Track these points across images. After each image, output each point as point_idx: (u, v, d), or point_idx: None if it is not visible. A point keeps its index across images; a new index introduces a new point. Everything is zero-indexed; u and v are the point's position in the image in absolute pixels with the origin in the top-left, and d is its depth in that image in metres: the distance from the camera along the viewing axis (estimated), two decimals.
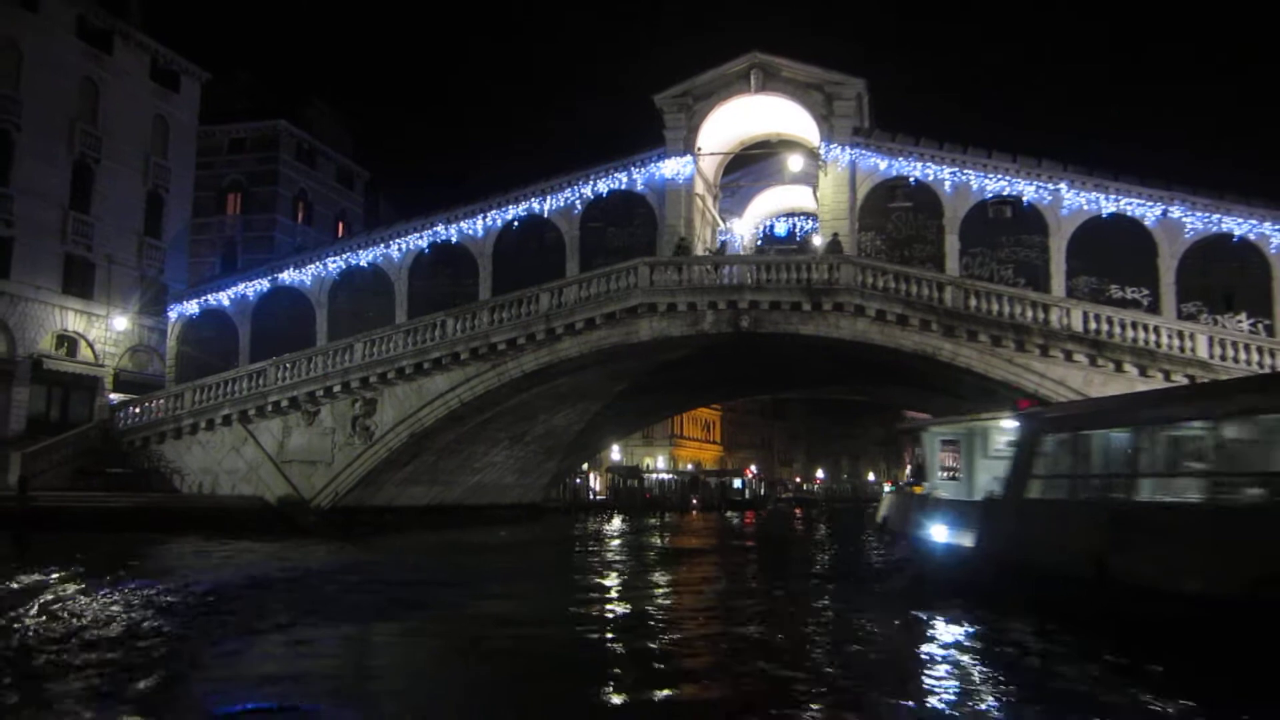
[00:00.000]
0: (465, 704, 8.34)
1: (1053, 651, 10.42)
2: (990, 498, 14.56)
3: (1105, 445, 12.64)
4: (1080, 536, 11.76)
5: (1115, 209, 26.97)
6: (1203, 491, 10.63)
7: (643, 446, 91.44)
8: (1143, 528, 10.89)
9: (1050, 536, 12.64)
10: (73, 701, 7.74)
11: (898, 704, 8.47)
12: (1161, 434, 11.63)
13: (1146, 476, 11.55)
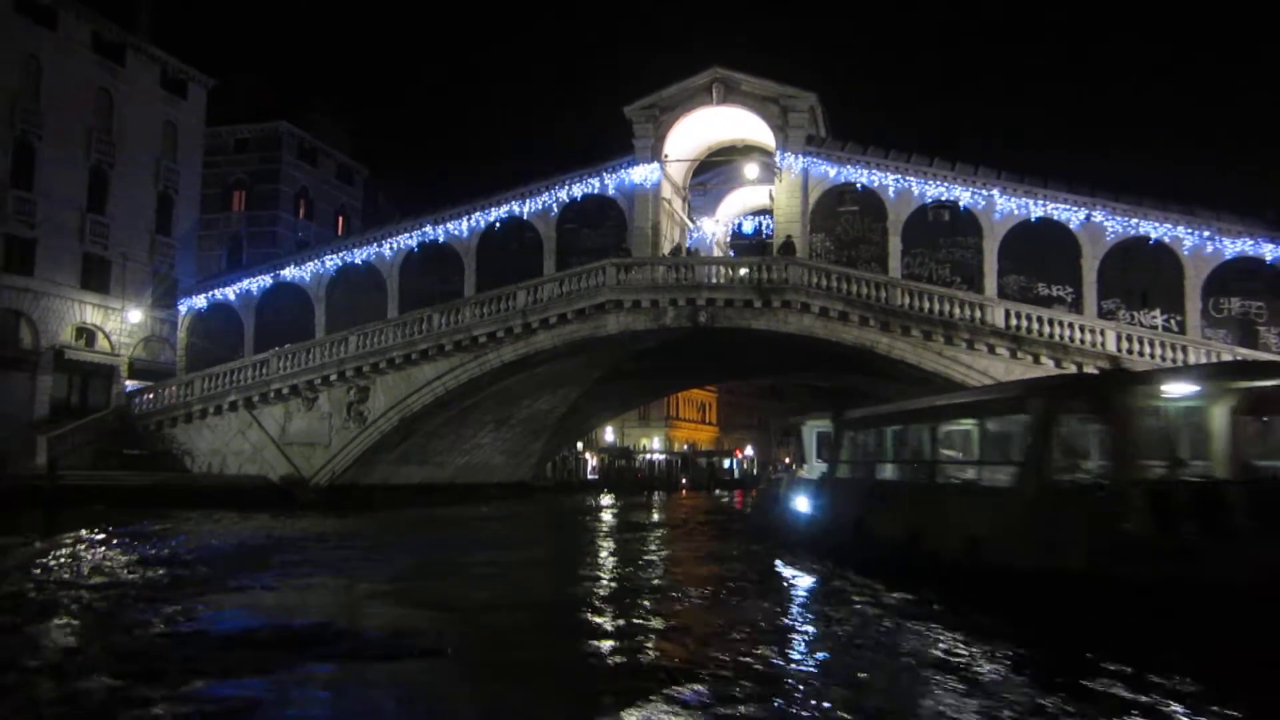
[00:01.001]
0: (424, 624, 10.96)
1: (827, 577, 15.07)
2: (821, 477, 18.52)
3: (867, 439, 17.16)
4: (852, 504, 16.34)
5: (1043, 213, 29.38)
6: (914, 474, 15.00)
7: (639, 428, 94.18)
8: (880, 497, 15.49)
9: (840, 504, 17.06)
10: (99, 619, 10.40)
11: (726, 601, 11.15)
12: (892, 433, 16.12)
13: (885, 462, 16.16)
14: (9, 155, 31.66)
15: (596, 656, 9.50)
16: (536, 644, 10.24)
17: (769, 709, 7.26)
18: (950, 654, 9.24)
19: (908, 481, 15.16)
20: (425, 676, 8.39)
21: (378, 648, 9.34)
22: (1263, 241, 28.11)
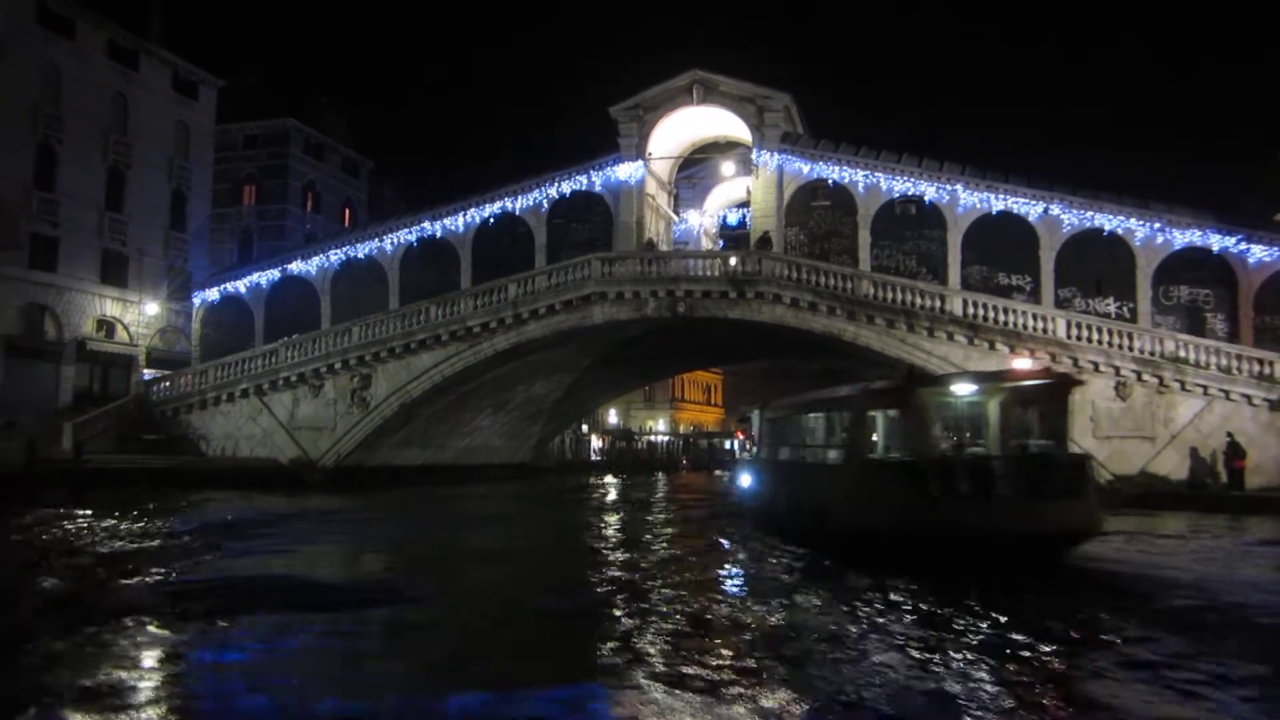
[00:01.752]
0: (405, 579, 12.96)
1: (744, 540, 17.73)
2: (753, 458, 21.09)
3: (777, 426, 19.71)
4: (767, 481, 19.62)
5: (1004, 206, 31.08)
6: (795, 455, 18.18)
7: (644, 410, 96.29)
8: (780, 475, 18.75)
9: (762, 481, 20.10)
10: (129, 575, 12.41)
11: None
12: (788, 421, 18.99)
13: (784, 446, 18.89)
14: (32, 159, 33.65)
15: (547, 601, 11.48)
16: (496, 592, 12.26)
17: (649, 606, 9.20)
18: (792, 585, 11.90)
19: (793, 461, 18.06)
20: (398, 619, 10.34)
21: (358, 596, 11.35)
22: (1210, 233, 29.77)
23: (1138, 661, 8.05)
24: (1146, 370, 27.38)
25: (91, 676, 7.25)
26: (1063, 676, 7.76)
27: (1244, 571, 14.17)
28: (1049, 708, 6.77)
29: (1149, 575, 13.21)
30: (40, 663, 7.77)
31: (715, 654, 8.34)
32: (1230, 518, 23.30)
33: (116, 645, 8.46)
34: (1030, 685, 7.34)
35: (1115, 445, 27.59)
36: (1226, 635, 9.36)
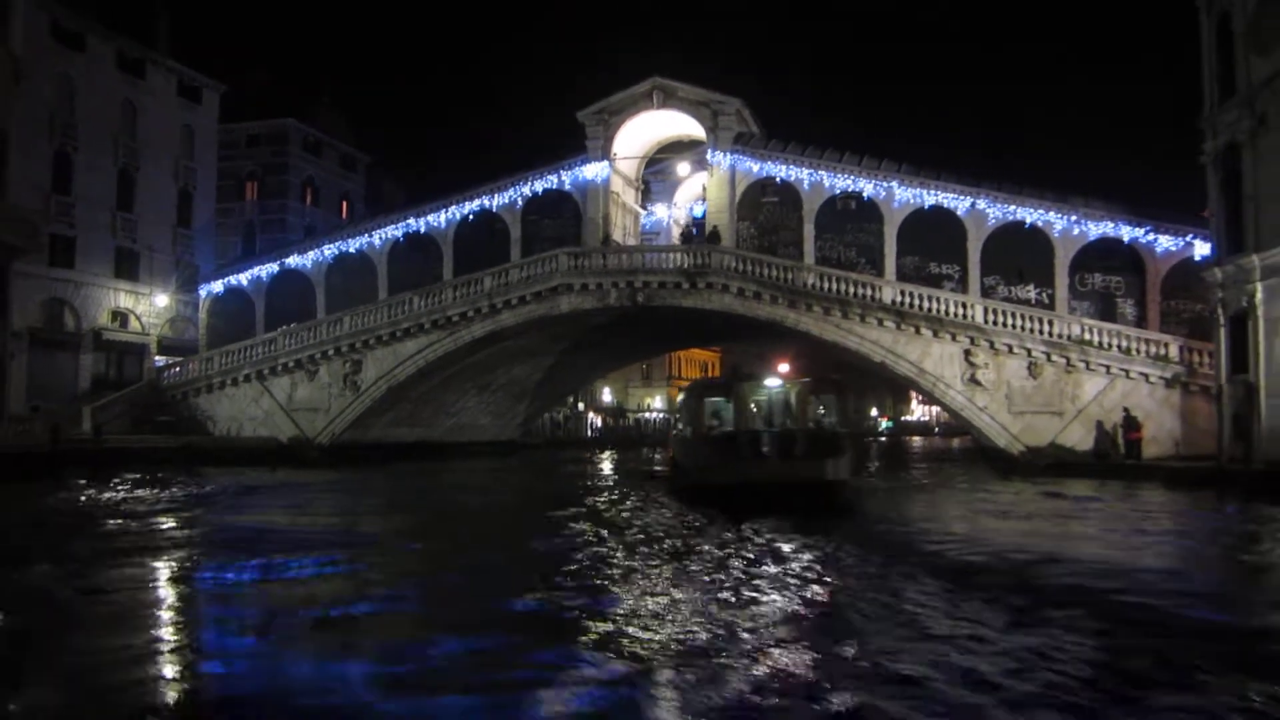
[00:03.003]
0: (376, 529, 16.10)
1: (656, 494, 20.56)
2: (680, 433, 24.07)
3: (683, 406, 23.31)
4: (677, 450, 22.86)
5: (935, 201, 33.84)
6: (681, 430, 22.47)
7: (642, 387, 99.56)
8: (676, 445, 22.44)
9: (676, 450, 23.76)
10: (151, 529, 15.59)
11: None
12: (684, 402, 23.23)
13: (679, 423, 22.94)
14: (50, 166, 36.79)
15: (490, 551, 14.62)
16: (449, 540, 15.42)
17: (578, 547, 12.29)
18: (678, 523, 15.00)
19: (679, 435, 22.33)
20: (359, 558, 13.43)
21: (334, 540, 14.55)
22: (1122, 224, 32.52)
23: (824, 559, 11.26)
24: (1055, 351, 30.28)
25: (121, 591, 10.42)
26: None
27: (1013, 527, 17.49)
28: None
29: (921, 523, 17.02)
30: (81, 587, 10.93)
31: (608, 564, 11.52)
32: (1125, 484, 26.26)
33: (141, 574, 11.63)
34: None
35: (1028, 420, 30.55)
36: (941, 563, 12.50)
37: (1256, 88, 25.82)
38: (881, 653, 7.47)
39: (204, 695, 6.56)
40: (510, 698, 6.36)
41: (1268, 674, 6.87)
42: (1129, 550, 14.34)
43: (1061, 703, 6.16)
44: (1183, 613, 9.15)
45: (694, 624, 8.55)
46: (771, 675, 6.89)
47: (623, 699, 6.33)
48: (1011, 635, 8.13)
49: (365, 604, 9.89)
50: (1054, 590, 10.44)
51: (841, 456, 17.95)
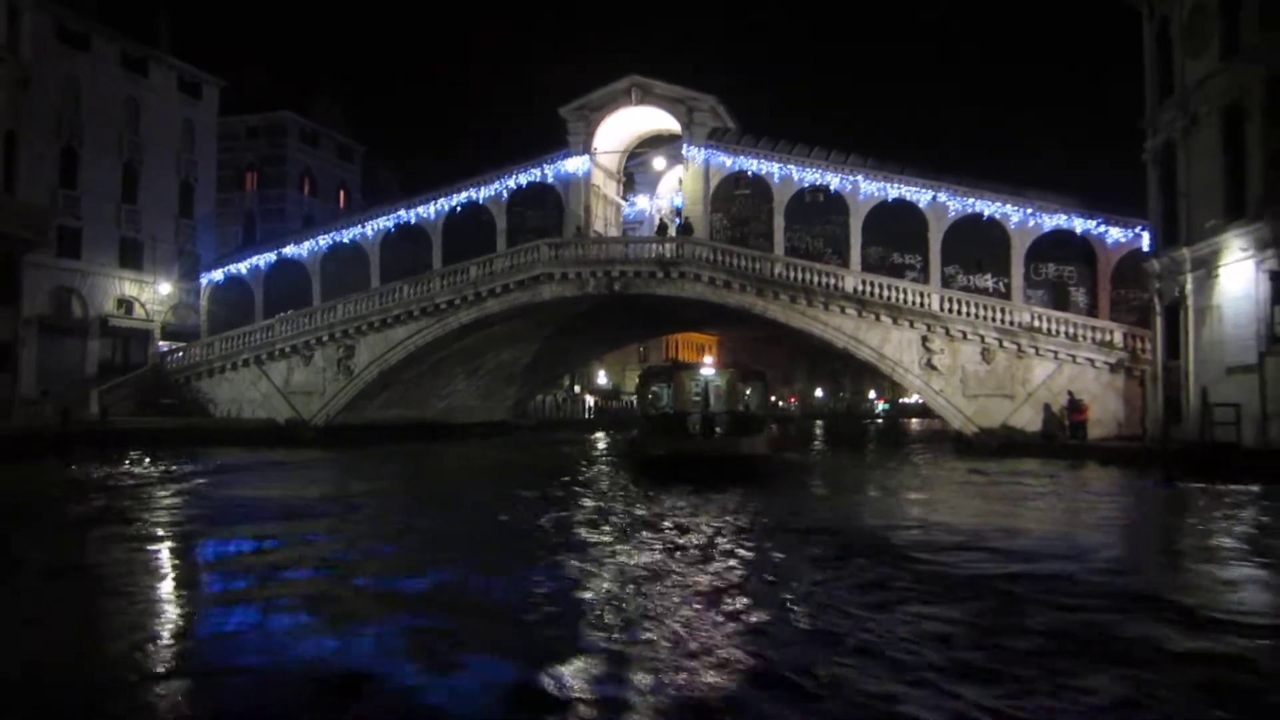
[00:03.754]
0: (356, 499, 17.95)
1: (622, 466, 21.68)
2: (642, 413, 25.97)
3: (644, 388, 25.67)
4: (638, 428, 25.11)
5: (898, 194, 35.48)
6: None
7: (638, 370, 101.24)
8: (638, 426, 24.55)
9: (637, 430, 25.94)
10: (156, 499, 17.48)
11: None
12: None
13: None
14: (57, 162, 38.56)
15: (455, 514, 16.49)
16: (417, 508, 17.28)
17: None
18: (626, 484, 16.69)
19: (637, 414, 25.21)
20: (335, 524, 15.29)
21: (316, 509, 16.42)
22: (1074, 217, 34.16)
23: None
24: (1007, 338, 32.02)
25: (129, 553, 12.29)
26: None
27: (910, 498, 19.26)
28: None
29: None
30: (91, 548, 12.82)
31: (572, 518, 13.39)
32: (1066, 462, 28.10)
33: (146, 537, 13.51)
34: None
35: (981, 403, 32.32)
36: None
37: (1190, 89, 27.45)
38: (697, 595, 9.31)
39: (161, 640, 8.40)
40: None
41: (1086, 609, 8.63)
42: (1006, 515, 16.21)
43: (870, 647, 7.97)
44: (1016, 565, 10.95)
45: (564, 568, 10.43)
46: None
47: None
48: (810, 572, 9.97)
49: (312, 566, 11.70)
50: (897, 547, 12.26)
51: (758, 435, 21.72)
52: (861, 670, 6.48)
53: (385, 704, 6.00)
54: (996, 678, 6.32)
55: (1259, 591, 10.11)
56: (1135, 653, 6.96)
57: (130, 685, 6.37)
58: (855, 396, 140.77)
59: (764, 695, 6.03)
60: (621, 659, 6.80)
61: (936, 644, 7.13)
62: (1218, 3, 26.12)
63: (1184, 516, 17.10)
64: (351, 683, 6.35)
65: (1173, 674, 6.48)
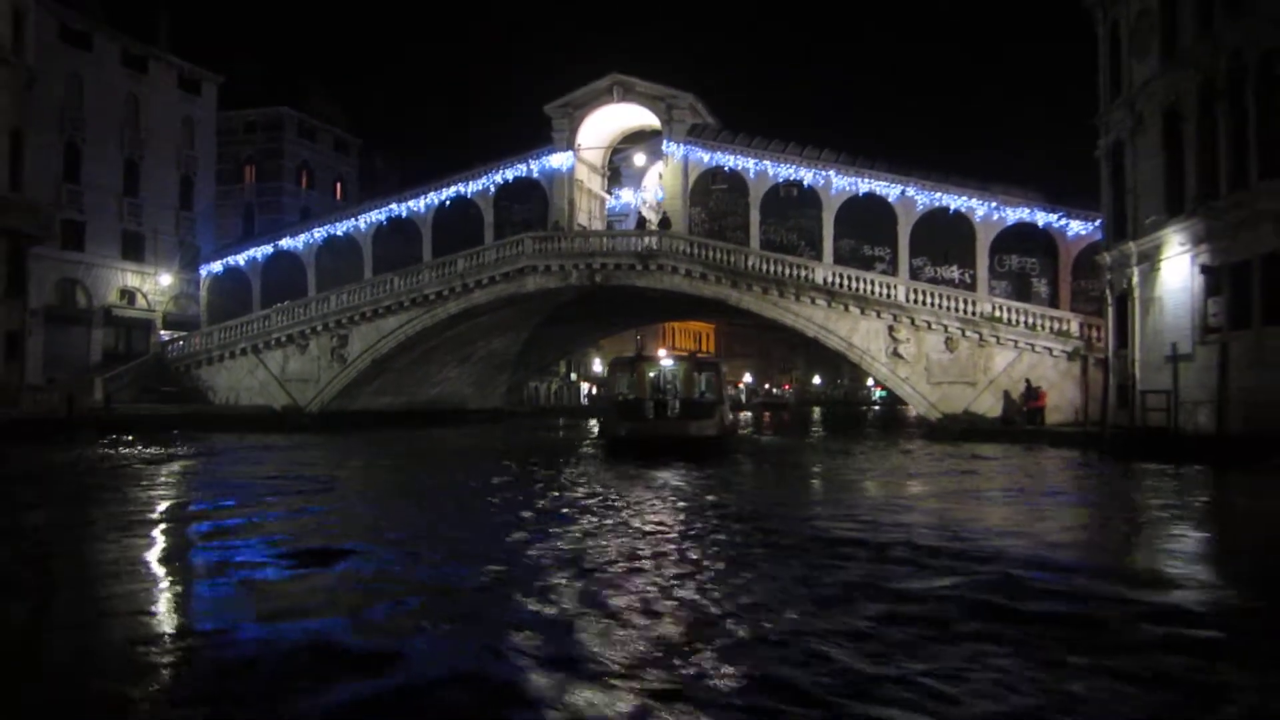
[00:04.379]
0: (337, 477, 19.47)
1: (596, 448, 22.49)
2: (609, 398, 27.60)
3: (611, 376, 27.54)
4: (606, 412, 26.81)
5: (869, 189, 36.81)
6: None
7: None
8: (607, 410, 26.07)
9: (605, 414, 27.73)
10: (150, 484, 19.02)
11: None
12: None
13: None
14: (61, 158, 40.11)
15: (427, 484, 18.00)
16: (383, 484, 18.81)
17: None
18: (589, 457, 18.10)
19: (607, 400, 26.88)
20: (320, 497, 16.80)
21: (314, 485, 17.99)
22: (1037, 211, 35.49)
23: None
24: (969, 328, 33.41)
25: (132, 528, 13.82)
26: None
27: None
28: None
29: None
30: (99, 527, 14.36)
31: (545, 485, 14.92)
32: (1022, 446, 29.54)
33: (150, 511, 15.04)
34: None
35: (945, 390, 33.75)
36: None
37: (1136, 90, 28.78)
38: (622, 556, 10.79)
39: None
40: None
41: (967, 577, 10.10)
42: (908, 486, 17.69)
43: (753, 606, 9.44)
44: (919, 533, 12.40)
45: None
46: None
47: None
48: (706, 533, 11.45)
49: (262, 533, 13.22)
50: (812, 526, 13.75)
51: (708, 419, 23.74)
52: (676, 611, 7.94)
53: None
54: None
55: (1118, 541, 11.56)
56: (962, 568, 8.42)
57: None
58: (853, 384, 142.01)
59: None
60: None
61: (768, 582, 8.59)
62: (1159, 7, 27.44)
63: (1095, 488, 18.60)
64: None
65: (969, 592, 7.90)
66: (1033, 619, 7.20)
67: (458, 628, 7.19)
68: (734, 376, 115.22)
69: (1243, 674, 5.98)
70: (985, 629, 6.93)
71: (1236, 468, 20.11)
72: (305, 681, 5.79)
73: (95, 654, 6.69)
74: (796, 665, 6.04)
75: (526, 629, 6.99)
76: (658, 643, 6.61)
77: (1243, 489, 18.23)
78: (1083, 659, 6.13)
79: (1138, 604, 7.81)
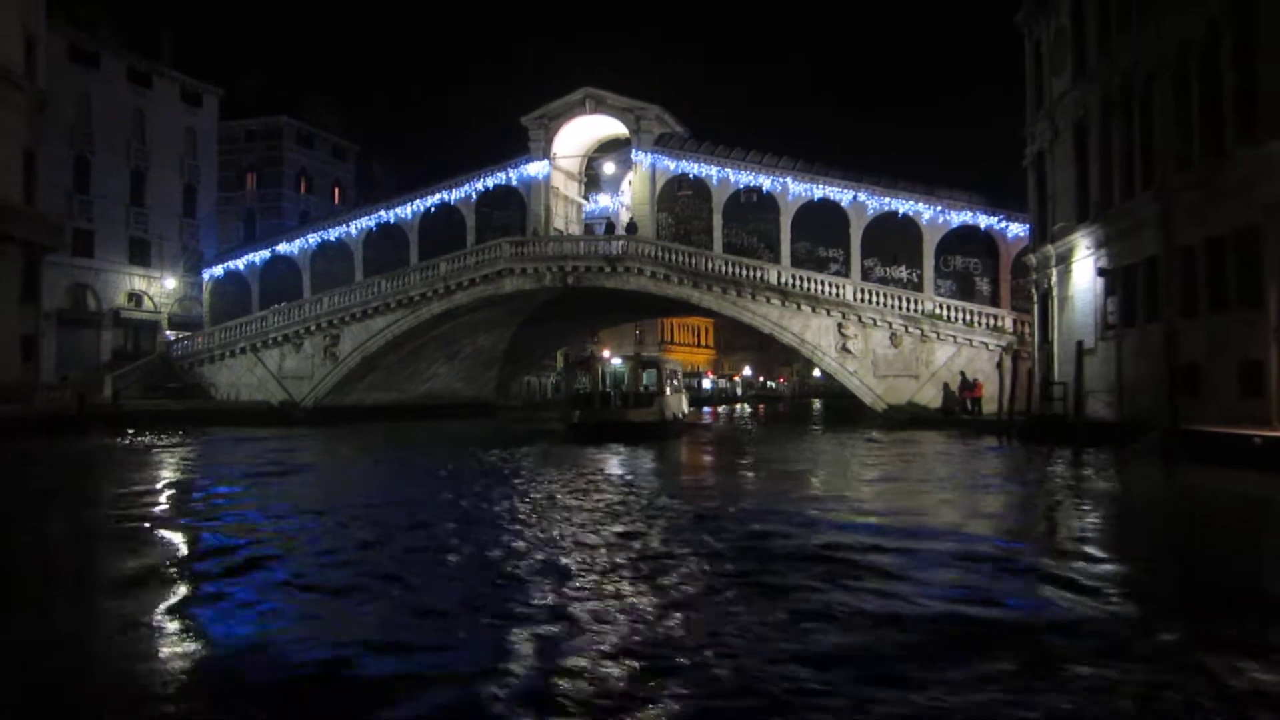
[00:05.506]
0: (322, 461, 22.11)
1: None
2: (568, 392, 30.81)
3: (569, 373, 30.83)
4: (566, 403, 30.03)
5: (823, 194, 39.29)
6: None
7: (632, 353, 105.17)
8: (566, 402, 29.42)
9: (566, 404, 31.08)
10: (165, 462, 21.70)
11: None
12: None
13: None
14: (71, 170, 42.94)
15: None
16: (356, 466, 21.45)
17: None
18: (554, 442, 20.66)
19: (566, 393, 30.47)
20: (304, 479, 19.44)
21: (274, 470, 20.66)
22: (979, 214, 37.90)
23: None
24: (912, 324, 35.86)
25: (144, 504, 16.50)
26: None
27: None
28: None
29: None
30: (107, 505, 17.04)
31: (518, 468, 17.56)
32: (955, 433, 32.01)
33: (159, 490, 17.72)
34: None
35: (890, 382, 36.21)
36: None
37: (1054, 103, 31.15)
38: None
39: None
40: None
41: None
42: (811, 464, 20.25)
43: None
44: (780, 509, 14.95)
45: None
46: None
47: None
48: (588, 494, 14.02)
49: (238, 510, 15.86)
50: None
51: (648, 408, 28.52)
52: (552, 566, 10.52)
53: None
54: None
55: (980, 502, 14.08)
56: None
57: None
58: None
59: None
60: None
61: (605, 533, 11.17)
62: (1071, 26, 29.82)
63: (985, 465, 21.14)
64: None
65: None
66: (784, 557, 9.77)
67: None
68: (733, 370, 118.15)
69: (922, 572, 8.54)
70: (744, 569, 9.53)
71: (1107, 448, 22.62)
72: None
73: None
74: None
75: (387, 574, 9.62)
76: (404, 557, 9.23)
77: (1091, 465, 20.71)
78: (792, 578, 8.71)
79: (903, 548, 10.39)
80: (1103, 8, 27.27)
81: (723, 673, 5.79)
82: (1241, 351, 19.98)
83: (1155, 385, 23.67)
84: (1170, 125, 23.12)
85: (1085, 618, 7.06)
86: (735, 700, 5.34)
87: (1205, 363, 21.50)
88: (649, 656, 6.11)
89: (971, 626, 6.86)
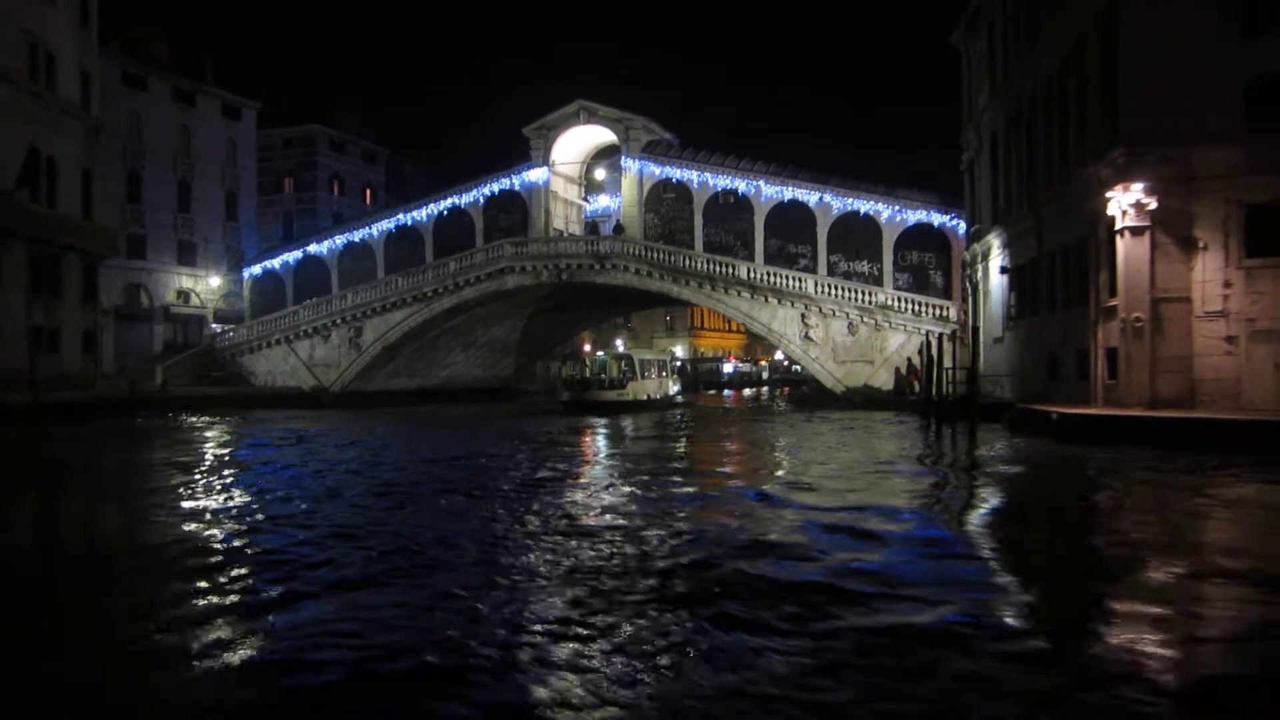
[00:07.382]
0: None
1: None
2: (562, 377, 35.20)
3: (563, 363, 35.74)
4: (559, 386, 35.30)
5: (793, 195, 43.13)
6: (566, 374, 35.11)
7: (665, 338, 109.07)
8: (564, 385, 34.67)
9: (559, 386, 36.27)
10: (194, 450, 26.52)
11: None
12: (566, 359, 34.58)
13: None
14: (124, 183, 48.25)
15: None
16: (364, 435, 26.07)
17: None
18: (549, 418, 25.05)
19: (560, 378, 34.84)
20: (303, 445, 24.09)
21: (301, 439, 25.33)
22: (933, 213, 41.50)
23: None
24: (867, 315, 39.68)
25: (190, 474, 21.25)
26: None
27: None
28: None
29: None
30: (158, 473, 21.81)
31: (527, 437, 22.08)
32: (894, 412, 35.90)
33: (207, 459, 22.48)
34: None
35: (849, 367, 40.10)
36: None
37: (979, 117, 34.78)
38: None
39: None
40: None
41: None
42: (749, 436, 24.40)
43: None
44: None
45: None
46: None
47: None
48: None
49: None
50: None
51: (621, 390, 36.42)
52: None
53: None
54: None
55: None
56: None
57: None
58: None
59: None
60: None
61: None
62: (988, 49, 33.43)
63: (877, 437, 25.17)
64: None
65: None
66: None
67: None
68: (766, 355, 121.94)
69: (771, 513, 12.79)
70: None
71: (990, 422, 26.52)
72: None
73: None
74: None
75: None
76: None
77: (961, 437, 24.60)
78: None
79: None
80: (1005, 38, 30.92)
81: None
82: (1078, 343, 23.82)
83: (1037, 370, 27.53)
84: (1043, 147, 26.86)
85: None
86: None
87: (1060, 352, 25.36)
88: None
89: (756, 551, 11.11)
